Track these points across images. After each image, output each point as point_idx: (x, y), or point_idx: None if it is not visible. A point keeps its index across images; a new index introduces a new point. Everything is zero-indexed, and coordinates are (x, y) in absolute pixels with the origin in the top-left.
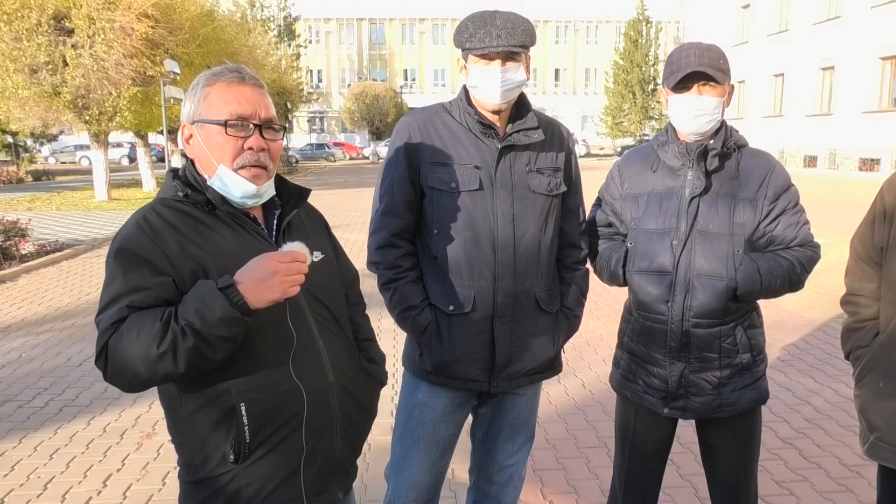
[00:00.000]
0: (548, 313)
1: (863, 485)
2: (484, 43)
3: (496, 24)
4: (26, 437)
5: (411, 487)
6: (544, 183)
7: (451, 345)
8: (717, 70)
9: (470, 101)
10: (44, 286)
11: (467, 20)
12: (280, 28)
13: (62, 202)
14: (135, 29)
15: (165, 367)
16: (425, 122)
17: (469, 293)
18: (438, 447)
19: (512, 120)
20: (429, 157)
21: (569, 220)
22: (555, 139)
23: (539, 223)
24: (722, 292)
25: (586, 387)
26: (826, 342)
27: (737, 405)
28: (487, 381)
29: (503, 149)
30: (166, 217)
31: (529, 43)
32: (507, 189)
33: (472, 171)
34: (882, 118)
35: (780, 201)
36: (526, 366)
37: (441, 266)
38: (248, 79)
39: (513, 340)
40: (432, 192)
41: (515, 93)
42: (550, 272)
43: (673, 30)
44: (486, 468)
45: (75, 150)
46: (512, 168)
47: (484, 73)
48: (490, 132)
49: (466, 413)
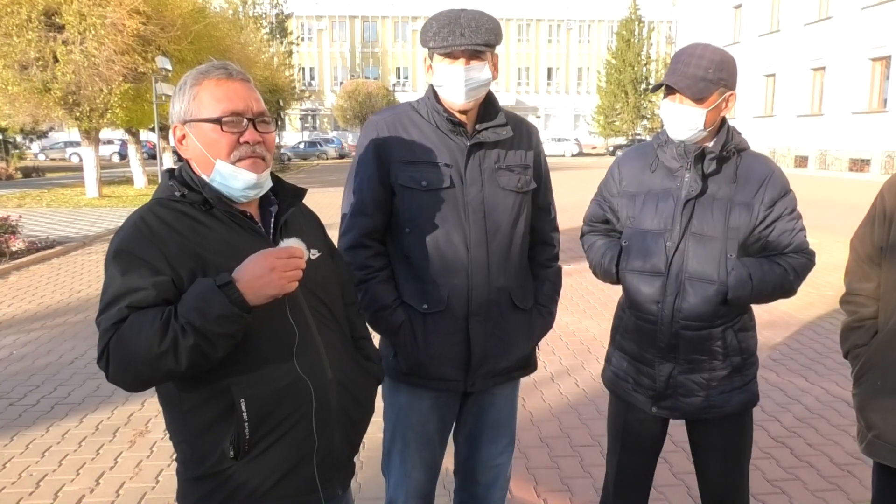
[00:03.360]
0: (522, 310)
1: (854, 483)
2: (448, 42)
3: (460, 23)
4: (18, 434)
5: (409, 485)
6: (514, 180)
7: (426, 344)
8: (698, 81)
9: (438, 99)
10: (34, 283)
11: (432, 19)
12: (272, 25)
13: (52, 199)
14: (126, 25)
15: (167, 365)
16: (394, 121)
17: (443, 291)
18: (430, 445)
19: (480, 118)
20: (398, 156)
21: (540, 217)
22: (523, 137)
23: (510, 220)
24: (712, 296)
25: (580, 385)
26: (817, 341)
27: (725, 407)
28: (463, 380)
29: (472, 146)
30: (164, 217)
31: (494, 41)
32: (477, 186)
33: (442, 168)
34: (872, 119)
35: (776, 207)
36: (501, 364)
37: (414, 265)
38: (235, 74)
39: (488, 338)
40: (403, 191)
41: (481, 92)
42: (523, 269)
43: (665, 29)
44: (471, 469)
45: (65, 147)
46: (481, 166)
47: (448, 72)
48: (459, 130)
49: (453, 408)
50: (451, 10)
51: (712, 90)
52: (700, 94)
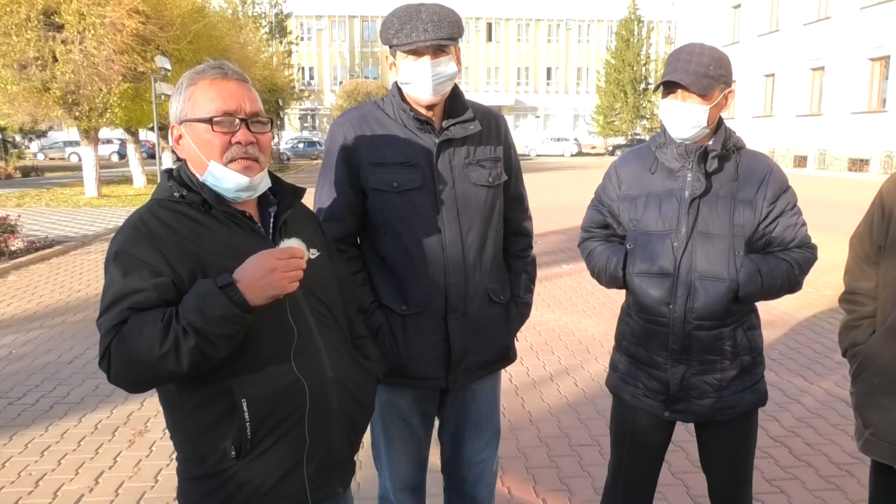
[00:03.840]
0: (499, 303)
1: (853, 483)
2: (411, 38)
3: (422, 18)
4: (17, 434)
5: (398, 477)
6: (485, 175)
7: (406, 346)
8: (702, 77)
9: (403, 97)
10: (33, 283)
11: (392, 16)
12: (271, 25)
13: (51, 198)
14: (125, 25)
15: (168, 366)
16: (360, 123)
17: (420, 292)
18: (414, 439)
19: (447, 114)
20: (367, 158)
21: (512, 208)
22: (491, 129)
23: (484, 216)
24: (724, 294)
25: (578, 385)
26: (816, 341)
27: (737, 408)
28: (445, 377)
29: (441, 143)
30: (163, 218)
31: (457, 34)
32: (448, 184)
33: (412, 168)
34: (871, 118)
35: (778, 203)
36: (481, 358)
37: (391, 266)
38: (230, 74)
39: (466, 334)
40: (374, 194)
41: (447, 86)
42: (498, 263)
43: (664, 29)
44: (456, 467)
45: (64, 147)
46: (451, 162)
47: (414, 68)
48: (426, 127)
49: (434, 401)
50: (409, 5)
51: (715, 86)
52: (705, 90)
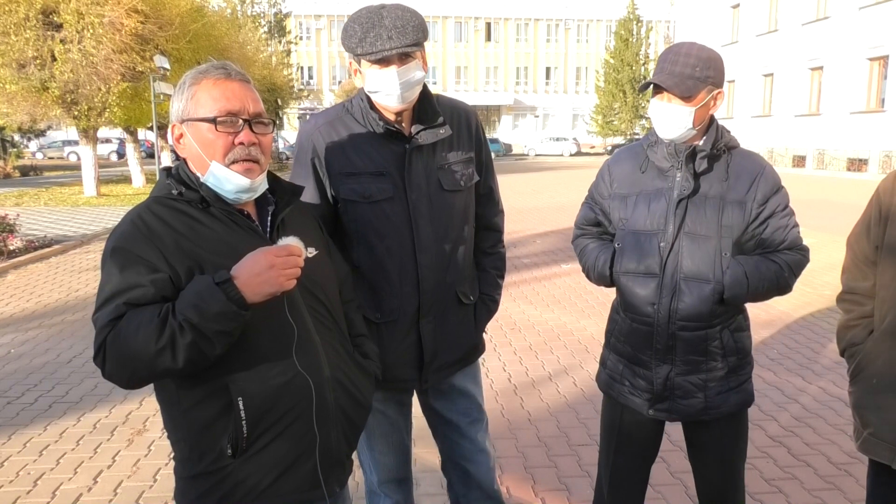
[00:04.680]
0: (468, 304)
1: (851, 482)
2: (376, 47)
3: (385, 25)
4: (16, 433)
5: (382, 469)
6: (457, 179)
7: (382, 353)
8: (686, 79)
9: (372, 104)
10: (32, 282)
11: (353, 22)
12: (270, 24)
13: (50, 198)
14: (124, 24)
15: (164, 362)
16: (329, 131)
17: (395, 300)
18: (393, 428)
19: (417, 118)
20: (337, 168)
21: (482, 204)
22: (462, 130)
23: (457, 221)
24: (709, 295)
25: (577, 385)
26: (814, 341)
27: (722, 408)
28: (418, 378)
29: (411, 151)
30: (161, 215)
31: (422, 39)
32: (420, 191)
33: (383, 177)
34: (870, 118)
35: (769, 204)
36: (452, 357)
37: (364, 276)
38: (234, 74)
39: (436, 336)
40: (346, 204)
41: (416, 91)
42: (469, 265)
43: (663, 29)
44: (457, 459)
45: (63, 146)
46: (425, 169)
47: (381, 77)
48: (396, 134)
49: (409, 392)
50: (370, 10)
51: (700, 88)
52: (688, 92)
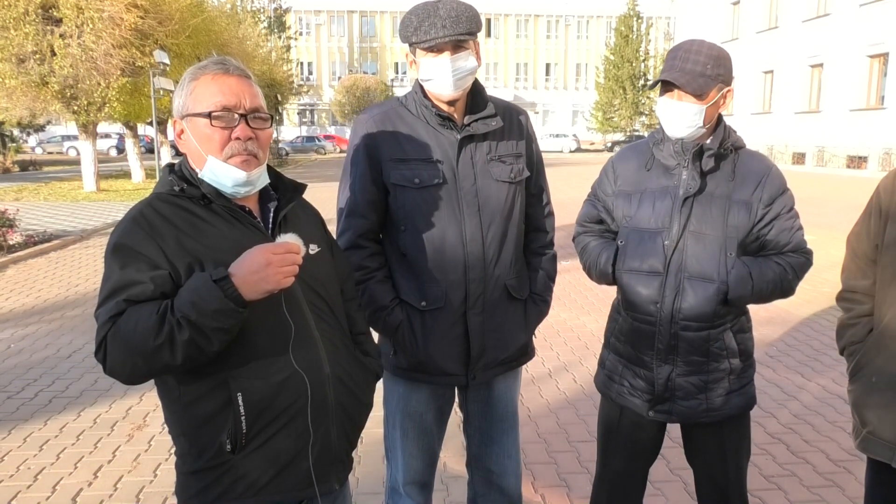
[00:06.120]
0: (518, 300)
1: (850, 480)
2: (430, 35)
3: (440, 15)
4: (16, 427)
5: (409, 471)
6: (507, 171)
7: (426, 341)
8: (698, 77)
9: (425, 93)
10: (32, 277)
11: (410, 14)
12: (270, 20)
13: (50, 193)
14: (124, 19)
15: (163, 359)
16: (383, 119)
17: (440, 288)
18: (427, 434)
19: (469, 109)
20: (389, 154)
21: (533, 204)
22: (514, 125)
23: (505, 212)
24: (713, 295)
25: (577, 381)
26: (814, 338)
27: (723, 410)
28: (465, 374)
29: (463, 139)
30: (162, 212)
31: (476, 29)
32: (469, 180)
33: (434, 164)
34: (870, 115)
35: (774, 205)
36: (500, 354)
37: (411, 262)
38: (232, 69)
39: (485, 331)
40: (396, 189)
41: (468, 81)
42: (518, 259)
43: (664, 26)
44: (484, 461)
45: (63, 141)
46: (473, 158)
47: (434, 65)
48: (448, 123)
49: (451, 398)
50: (427, 2)
51: (711, 86)
52: (700, 89)
